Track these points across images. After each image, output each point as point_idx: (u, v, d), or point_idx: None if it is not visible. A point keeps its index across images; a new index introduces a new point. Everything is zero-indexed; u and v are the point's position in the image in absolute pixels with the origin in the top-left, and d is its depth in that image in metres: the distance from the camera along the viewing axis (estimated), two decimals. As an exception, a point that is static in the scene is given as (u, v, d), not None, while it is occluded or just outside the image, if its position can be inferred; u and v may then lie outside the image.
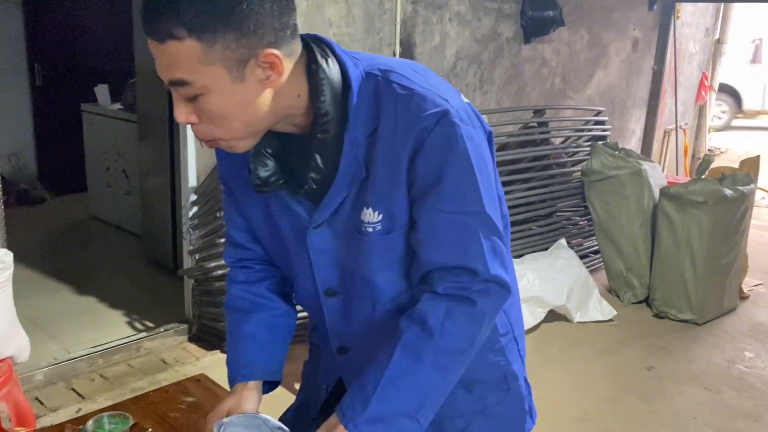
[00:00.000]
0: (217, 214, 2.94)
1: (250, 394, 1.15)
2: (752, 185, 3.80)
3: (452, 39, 3.84)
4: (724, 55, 6.98)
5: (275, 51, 0.89)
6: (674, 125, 6.20)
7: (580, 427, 2.76)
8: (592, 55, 4.95)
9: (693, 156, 6.81)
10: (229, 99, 0.90)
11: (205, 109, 0.91)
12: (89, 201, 4.98)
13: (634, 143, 5.81)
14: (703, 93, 6.75)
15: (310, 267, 1.08)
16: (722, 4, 6.60)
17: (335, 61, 0.98)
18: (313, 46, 0.98)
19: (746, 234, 3.92)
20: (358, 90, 0.97)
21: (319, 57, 0.97)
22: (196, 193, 3.05)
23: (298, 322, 1.26)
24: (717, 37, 6.82)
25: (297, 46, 0.95)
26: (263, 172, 1.03)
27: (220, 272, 2.95)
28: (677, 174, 6.22)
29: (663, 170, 6.04)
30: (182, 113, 0.92)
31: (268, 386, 1.20)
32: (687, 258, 3.69)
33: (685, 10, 5.95)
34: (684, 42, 6.12)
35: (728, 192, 3.64)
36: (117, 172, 4.63)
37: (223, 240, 2.87)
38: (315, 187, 1.00)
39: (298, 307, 1.26)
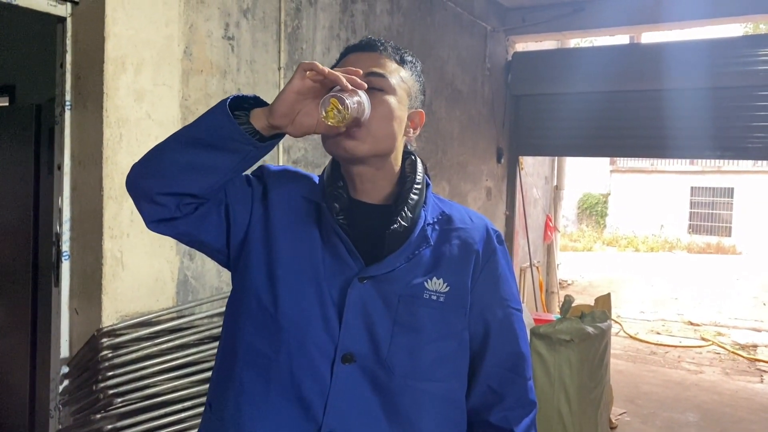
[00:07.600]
0: (93, 387, 2.69)
1: None
2: (608, 321, 4.17)
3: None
4: (563, 200, 7.84)
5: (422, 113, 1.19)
6: (528, 263, 6.74)
7: None
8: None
9: (547, 291, 7.38)
10: (398, 107, 1.13)
11: (381, 103, 1.10)
12: None
13: (496, 282, 6.20)
14: (549, 233, 7.46)
15: (338, 323, 1.07)
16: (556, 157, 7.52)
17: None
18: None
19: (609, 367, 4.24)
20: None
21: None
22: (69, 365, 2.80)
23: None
24: (555, 184, 7.69)
25: None
26: (337, 207, 1.13)
27: (95, 453, 2.66)
28: (536, 309, 6.68)
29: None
30: None
31: None
32: (562, 395, 3.89)
33: (526, 162, 6.71)
34: (529, 189, 6.83)
35: (590, 329, 3.95)
36: (-41, 339, 4.14)
37: (99, 416, 2.63)
38: (401, 230, 1.10)
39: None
